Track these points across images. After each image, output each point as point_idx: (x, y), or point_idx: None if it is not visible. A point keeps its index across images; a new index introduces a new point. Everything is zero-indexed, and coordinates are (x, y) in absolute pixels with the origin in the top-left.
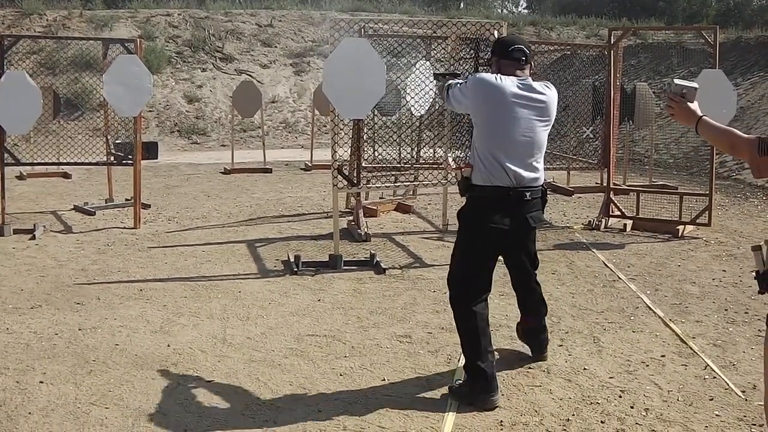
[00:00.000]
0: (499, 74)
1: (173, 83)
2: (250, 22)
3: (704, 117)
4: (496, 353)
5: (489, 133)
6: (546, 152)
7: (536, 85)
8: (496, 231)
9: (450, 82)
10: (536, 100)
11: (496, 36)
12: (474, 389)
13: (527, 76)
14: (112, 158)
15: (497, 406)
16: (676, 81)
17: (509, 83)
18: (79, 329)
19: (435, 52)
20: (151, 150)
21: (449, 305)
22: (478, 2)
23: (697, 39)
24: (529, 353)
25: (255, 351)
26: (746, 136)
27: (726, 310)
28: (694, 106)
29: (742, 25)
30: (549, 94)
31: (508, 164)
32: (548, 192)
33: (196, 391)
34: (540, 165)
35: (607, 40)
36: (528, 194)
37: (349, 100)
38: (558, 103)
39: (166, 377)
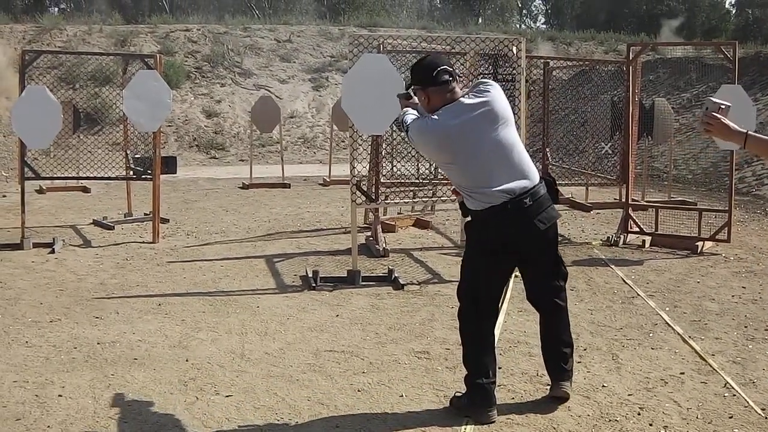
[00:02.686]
0: (429, 116)
1: (192, 98)
2: (268, 38)
3: (750, 132)
4: (499, 368)
5: (458, 172)
6: (564, 168)
7: (468, 100)
8: (502, 245)
9: (406, 118)
10: (479, 113)
11: (514, 52)
12: (472, 403)
13: (458, 93)
14: (131, 173)
15: (493, 422)
16: (713, 99)
17: (444, 119)
18: (98, 343)
19: (453, 68)
20: (169, 164)
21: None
22: (496, 17)
23: (716, 54)
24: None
25: (273, 366)
26: None
27: (746, 327)
28: (731, 123)
29: (761, 39)
30: (487, 96)
31: (492, 189)
32: (555, 182)
33: (215, 406)
34: (525, 163)
35: (625, 55)
36: (527, 199)
37: (368, 116)
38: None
39: (184, 392)
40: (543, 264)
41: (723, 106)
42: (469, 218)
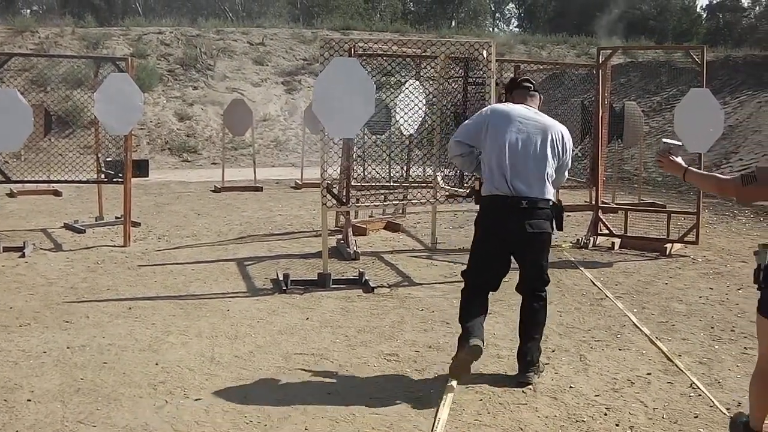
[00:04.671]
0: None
1: (164, 101)
2: (241, 41)
3: (689, 168)
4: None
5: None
6: None
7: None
8: (494, 230)
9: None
10: (535, 122)
11: (485, 55)
12: (459, 341)
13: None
14: (102, 176)
15: (476, 345)
16: (664, 140)
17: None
18: (68, 347)
19: (425, 71)
20: (141, 168)
21: (436, 324)
22: (469, 21)
23: (686, 58)
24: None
25: (243, 369)
26: (728, 177)
27: (712, 327)
28: (679, 159)
29: (731, 43)
30: (549, 120)
31: (506, 181)
32: (563, 211)
33: (184, 410)
34: (542, 180)
35: (596, 59)
36: (525, 203)
37: (338, 120)
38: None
39: (153, 396)
40: (528, 263)
41: (673, 146)
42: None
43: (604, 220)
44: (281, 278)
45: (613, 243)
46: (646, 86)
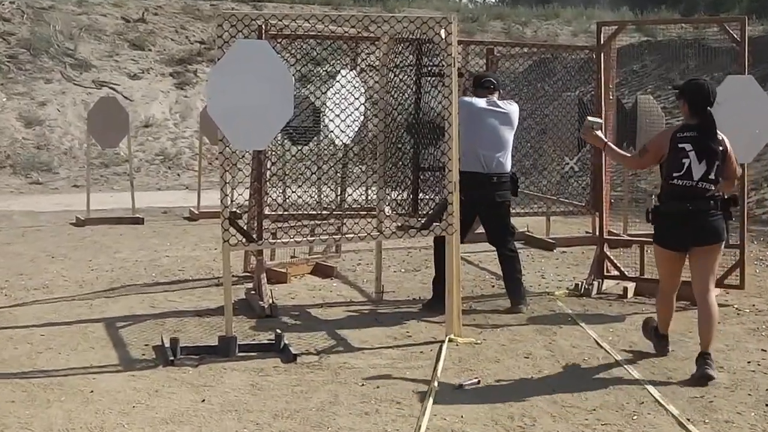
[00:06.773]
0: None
1: (4, 99)
2: (113, 15)
3: (608, 143)
4: None
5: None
6: (519, 192)
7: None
8: (470, 197)
9: None
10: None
11: (443, 35)
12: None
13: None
14: None
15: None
16: (589, 118)
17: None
18: None
19: (363, 58)
20: None
21: (383, 404)
22: None
23: (722, 34)
24: None
25: None
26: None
27: (767, 405)
28: (600, 134)
29: None
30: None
31: (480, 159)
32: (517, 179)
33: None
34: (506, 158)
35: (596, 38)
36: (494, 178)
37: (243, 125)
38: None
39: None
40: (495, 225)
41: (596, 123)
42: None
43: (611, 257)
44: (167, 345)
45: (624, 289)
46: (667, 74)
